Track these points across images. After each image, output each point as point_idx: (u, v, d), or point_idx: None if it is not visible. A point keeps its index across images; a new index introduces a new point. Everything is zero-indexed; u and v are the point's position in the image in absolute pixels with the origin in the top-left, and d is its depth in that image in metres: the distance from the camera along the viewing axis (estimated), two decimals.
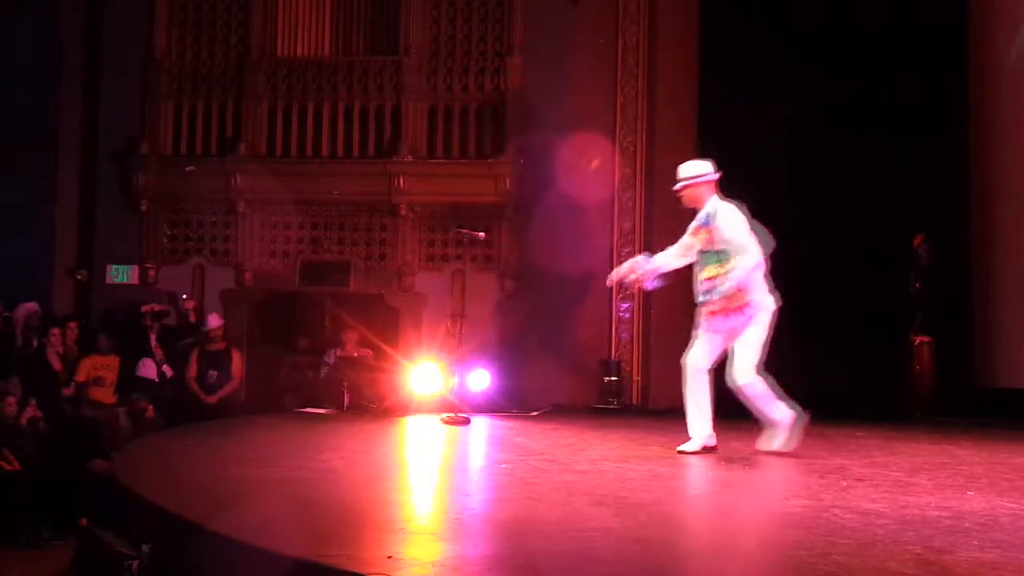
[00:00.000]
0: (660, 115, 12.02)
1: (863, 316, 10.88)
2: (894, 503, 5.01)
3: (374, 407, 10.17)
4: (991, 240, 11.36)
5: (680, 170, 7.05)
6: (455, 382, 10.04)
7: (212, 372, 11.43)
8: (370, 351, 11.37)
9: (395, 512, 4.90)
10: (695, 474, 6.13)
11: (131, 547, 4.64)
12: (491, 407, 10.25)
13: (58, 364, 10.98)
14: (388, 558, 3.68)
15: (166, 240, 12.84)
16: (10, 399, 9.66)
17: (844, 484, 5.59)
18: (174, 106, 12.83)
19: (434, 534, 4.38)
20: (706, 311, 6.87)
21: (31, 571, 7.81)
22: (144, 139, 12.65)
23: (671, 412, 11.02)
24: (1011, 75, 11.26)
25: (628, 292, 10.94)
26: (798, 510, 4.87)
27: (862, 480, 5.83)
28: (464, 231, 11.60)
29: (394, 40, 12.63)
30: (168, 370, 11.31)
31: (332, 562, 3.56)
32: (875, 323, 10.94)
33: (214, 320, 11.73)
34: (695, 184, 6.96)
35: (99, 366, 11.10)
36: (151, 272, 12.71)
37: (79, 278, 12.90)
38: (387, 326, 12.16)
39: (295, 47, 12.89)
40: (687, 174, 7.00)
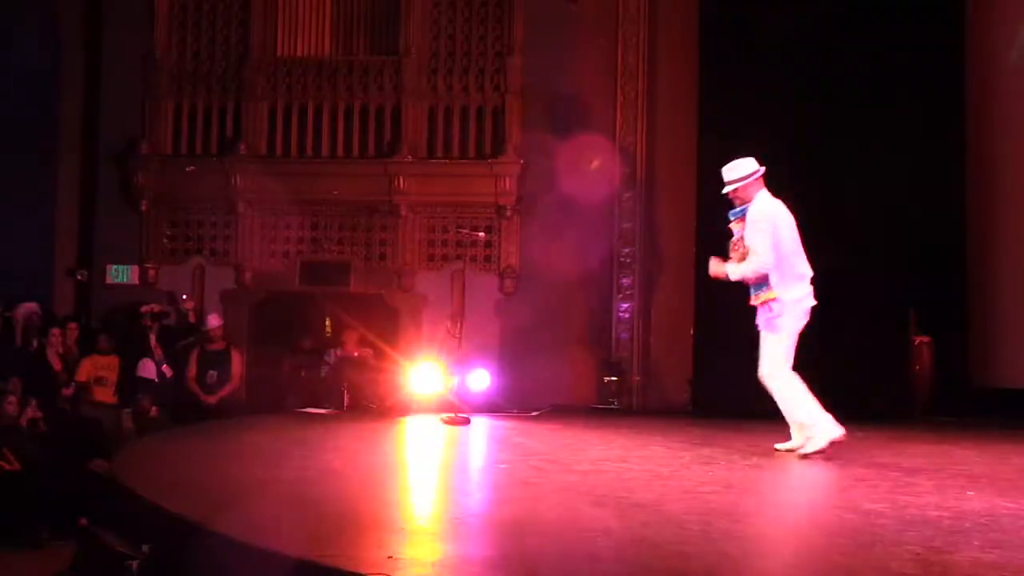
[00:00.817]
0: (660, 115, 12.01)
1: (863, 316, 10.88)
2: (895, 503, 5.01)
3: (374, 407, 10.16)
4: (991, 240, 11.36)
5: (724, 172, 6.96)
6: (455, 382, 10.03)
7: (212, 372, 11.42)
8: (370, 351, 11.36)
9: (395, 512, 4.91)
10: (695, 474, 6.12)
11: (131, 547, 4.64)
12: (491, 407, 10.24)
13: (58, 364, 10.98)
14: (388, 558, 3.68)
15: (166, 240, 12.84)
16: (11, 399, 9.65)
17: (846, 484, 5.59)
18: (174, 106, 12.82)
19: (434, 534, 4.38)
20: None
21: (31, 571, 7.78)
22: (144, 139, 12.65)
23: (671, 412, 11.08)
24: (1010, 75, 11.26)
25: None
26: (799, 510, 4.87)
27: (862, 480, 5.83)
28: (464, 231, 11.61)
29: (394, 40, 12.62)
30: (168, 370, 11.30)
31: (332, 562, 3.56)
32: (875, 323, 10.94)
33: (214, 320, 11.72)
34: (743, 185, 6.88)
35: (100, 366, 11.10)
36: (151, 272, 12.71)
37: (79, 278, 12.89)
38: (387, 326, 12.15)
39: (295, 47, 12.88)
40: (734, 176, 6.91)
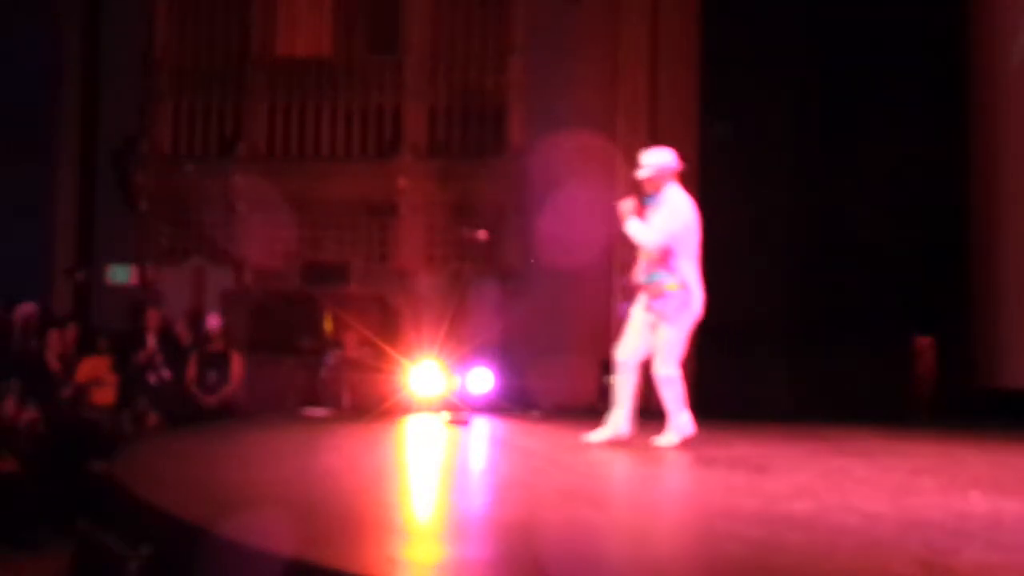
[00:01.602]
0: (661, 115, 12.00)
1: (864, 316, 10.87)
2: (897, 504, 4.99)
3: (374, 408, 10.14)
4: (993, 240, 11.35)
5: (644, 157, 7.05)
6: (455, 383, 10.02)
7: (211, 373, 11.40)
8: (370, 351, 11.34)
9: (396, 513, 4.89)
10: (697, 476, 6.11)
11: (130, 548, 4.62)
12: (492, 407, 10.23)
13: (56, 365, 10.94)
14: (389, 560, 3.66)
15: (166, 240, 12.82)
16: (9, 400, 9.63)
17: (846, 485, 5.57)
18: (174, 106, 12.81)
19: (435, 535, 4.36)
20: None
21: (30, 572, 7.78)
22: (144, 139, 12.64)
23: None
24: (1013, 76, 11.25)
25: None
26: (800, 512, 4.85)
27: (864, 481, 5.81)
28: (464, 231, 11.58)
29: (394, 40, 12.61)
30: (167, 372, 11.27)
31: (333, 564, 3.54)
32: (877, 324, 10.93)
33: (213, 321, 11.69)
34: (659, 173, 6.95)
35: (99, 367, 11.06)
36: (150, 272, 12.69)
37: (78, 278, 12.87)
38: (387, 326, 12.14)
39: (295, 47, 12.87)
40: (652, 162, 6.99)
